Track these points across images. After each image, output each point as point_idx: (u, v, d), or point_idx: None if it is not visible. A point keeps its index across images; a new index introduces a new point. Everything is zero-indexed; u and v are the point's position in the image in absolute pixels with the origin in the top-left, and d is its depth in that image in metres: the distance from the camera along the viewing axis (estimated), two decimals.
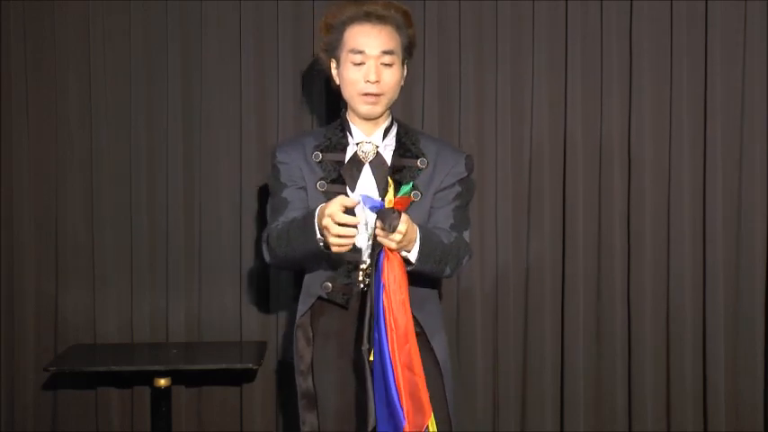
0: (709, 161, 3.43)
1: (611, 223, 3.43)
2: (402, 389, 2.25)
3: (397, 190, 2.33)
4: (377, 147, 2.57)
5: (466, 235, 2.58)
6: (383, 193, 2.43)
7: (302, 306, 2.60)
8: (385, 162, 2.56)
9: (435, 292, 2.65)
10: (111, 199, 3.42)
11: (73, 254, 3.42)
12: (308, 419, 2.60)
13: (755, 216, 3.42)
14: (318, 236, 2.34)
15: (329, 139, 2.59)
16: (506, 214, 3.44)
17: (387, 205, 2.28)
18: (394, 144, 2.59)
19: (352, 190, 2.53)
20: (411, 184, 2.44)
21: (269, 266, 3.41)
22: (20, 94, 3.40)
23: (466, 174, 2.60)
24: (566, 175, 3.44)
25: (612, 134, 3.43)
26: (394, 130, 2.61)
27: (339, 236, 2.27)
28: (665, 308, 3.45)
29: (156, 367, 3.15)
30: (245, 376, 3.43)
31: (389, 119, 2.61)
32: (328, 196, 2.42)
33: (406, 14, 2.56)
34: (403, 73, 2.57)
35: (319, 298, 2.56)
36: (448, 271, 2.49)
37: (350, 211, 2.30)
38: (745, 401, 3.45)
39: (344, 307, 2.53)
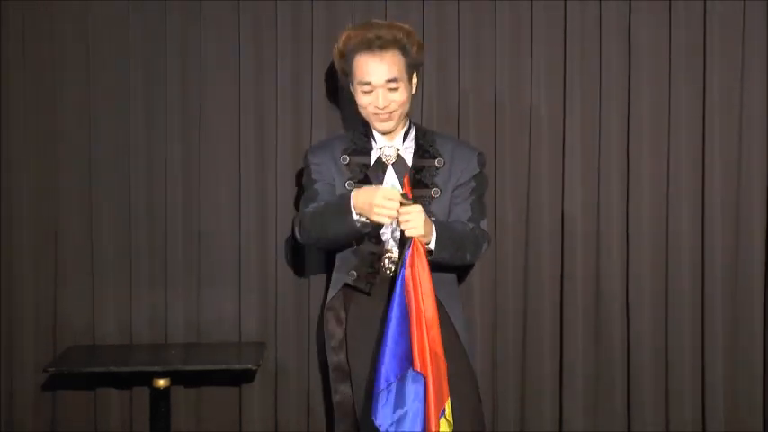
0: (707, 161, 3.43)
1: (609, 223, 3.43)
2: (427, 362, 2.48)
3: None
4: (398, 150, 2.85)
5: (483, 224, 2.87)
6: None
7: (332, 290, 2.87)
8: (406, 164, 2.85)
9: (454, 276, 2.91)
10: (109, 199, 3.42)
11: (72, 254, 3.42)
12: (339, 389, 2.87)
13: (754, 216, 3.42)
14: (355, 213, 2.61)
15: (355, 143, 2.88)
16: (505, 214, 3.44)
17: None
18: (413, 146, 2.86)
19: None
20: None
21: (268, 267, 3.44)
22: (19, 94, 3.40)
23: (479, 170, 2.87)
24: (564, 175, 3.44)
25: (611, 134, 3.43)
26: (412, 133, 2.89)
27: (384, 207, 2.56)
28: (663, 308, 3.45)
29: (155, 368, 3.15)
30: (243, 377, 3.43)
31: (408, 123, 2.89)
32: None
33: (409, 34, 2.80)
34: (412, 85, 2.83)
35: (346, 284, 2.83)
36: (469, 257, 2.79)
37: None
38: (743, 402, 3.45)
39: (368, 293, 2.80)
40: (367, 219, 2.61)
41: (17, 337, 3.43)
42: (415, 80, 2.84)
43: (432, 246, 2.64)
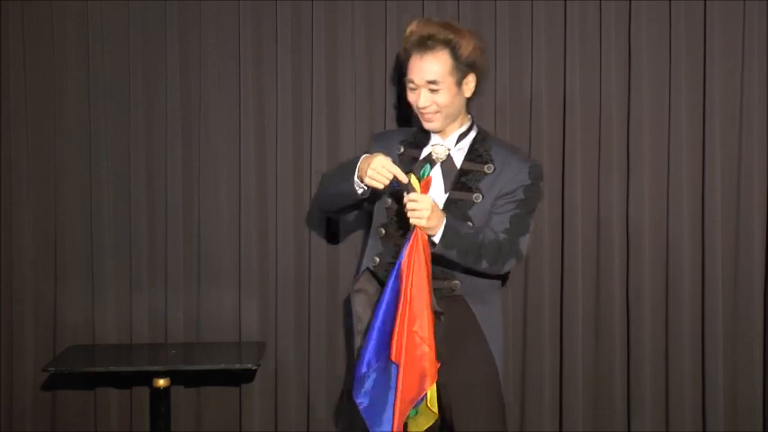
0: (707, 161, 3.42)
1: (609, 223, 3.43)
2: (402, 351, 2.50)
3: (417, 177, 2.69)
4: (449, 150, 2.82)
5: (521, 240, 2.78)
6: (448, 190, 2.79)
7: (359, 273, 2.87)
8: (454, 165, 2.82)
9: (492, 282, 2.84)
10: (109, 199, 3.43)
11: (72, 254, 3.43)
12: None
13: (754, 216, 3.41)
14: (356, 175, 2.68)
15: (415, 136, 2.89)
16: None
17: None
18: (467, 149, 2.82)
19: None
20: (427, 165, 2.75)
21: (268, 267, 3.44)
22: (19, 94, 3.41)
23: (530, 182, 2.79)
24: (564, 175, 3.43)
25: (611, 134, 3.42)
26: (471, 136, 2.86)
27: (377, 173, 2.63)
28: (663, 308, 3.45)
29: (155, 368, 3.16)
30: (243, 377, 3.43)
31: (467, 125, 2.87)
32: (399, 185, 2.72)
33: (462, 36, 2.76)
34: (465, 87, 2.79)
35: (368, 269, 2.83)
36: (485, 265, 2.72)
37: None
38: (743, 402, 3.44)
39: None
40: (364, 183, 2.67)
41: (17, 337, 3.43)
42: (471, 83, 2.80)
43: (436, 239, 2.64)
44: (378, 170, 2.63)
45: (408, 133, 2.92)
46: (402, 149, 2.87)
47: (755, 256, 3.42)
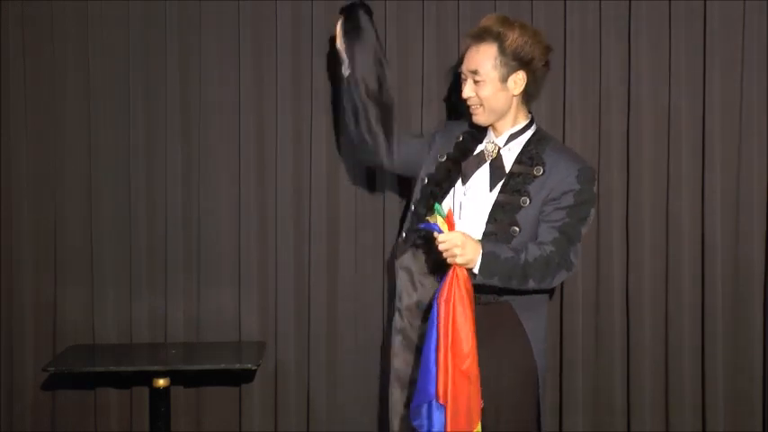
0: (707, 161, 3.42)
1: (609, 223, 3.43)
2: (448, 393, 2.49)
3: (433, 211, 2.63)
4: (499, 148, 2.79)
5: (572, 251, 2.70)
6: (493, 189, 2.75)
7: (396, 243, 2.97)
8: (503, 165, 2.77)
9: (544, 297, 2.83)
10: (109, 199, 3.43)
11: (71, 254, 3.43)
12: (400, 354, 2.81)
13: (754, 216, 3.41)
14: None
15: (476, 131, 2.87)
16: None
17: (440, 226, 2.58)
18: (519, 150, 2.78)
19: (465, 181, 2.79)
20: (437, 205, 2.63)
21: (268, 267, 3.44)
22: (18, 94, 3.41)
23: (579, 186, 2.69)
24: None
25: (611, 133, 3.42)
26: (526, 136, 2.81)
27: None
28: (663, 308, 3.44)
29: (155, 368, 3.15)
30: (243, 377, 3.43)
31: (521, 125, 2.82)
32: (437, 166, 2.83)
33: (513, 30, 2.74)
34: (509, 83, 2.75)
35: (396, 241, 2.91)
36: (532, 284, 2.64)
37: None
38: (743, 402, 3.44)
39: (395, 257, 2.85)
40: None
41: (17, 337, 3.43)
42: (520, 81, 2.75)
43: (475, 270, 2.58)
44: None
45: (473, 126, 2.89)
46: (461, 138, 2.88)
47: (756, 256, 3.41)
